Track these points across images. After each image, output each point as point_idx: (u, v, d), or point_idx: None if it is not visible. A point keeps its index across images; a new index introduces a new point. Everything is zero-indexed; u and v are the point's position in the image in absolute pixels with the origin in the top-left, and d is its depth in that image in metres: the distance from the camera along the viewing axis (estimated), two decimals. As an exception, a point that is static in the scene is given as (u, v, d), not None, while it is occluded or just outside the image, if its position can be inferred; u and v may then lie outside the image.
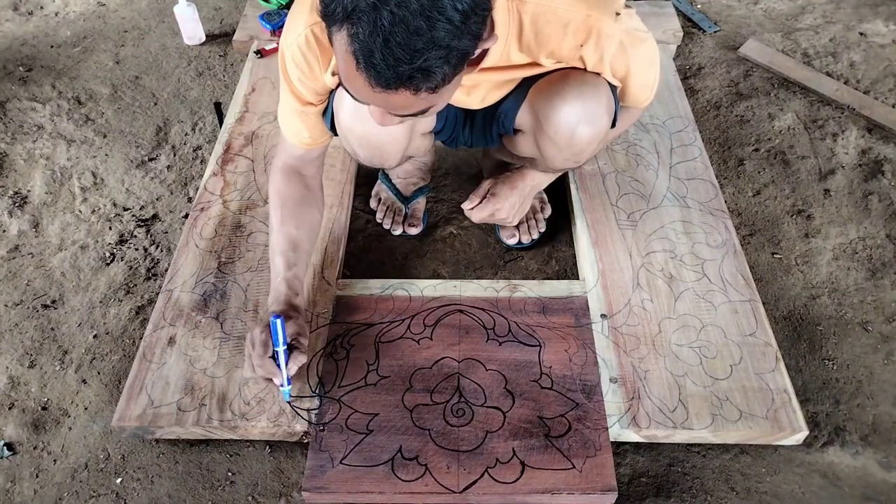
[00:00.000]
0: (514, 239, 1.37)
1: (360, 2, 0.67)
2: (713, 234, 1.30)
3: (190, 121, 1.70)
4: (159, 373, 1.09)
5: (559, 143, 1.05)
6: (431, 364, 1.11)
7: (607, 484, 0.97)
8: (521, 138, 1.13)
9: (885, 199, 1.47)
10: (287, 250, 1.09)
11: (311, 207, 1.15)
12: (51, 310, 1.29)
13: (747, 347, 1.12)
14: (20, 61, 1.90)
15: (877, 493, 1.04)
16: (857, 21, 1.97)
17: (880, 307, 1.28)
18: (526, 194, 1.28)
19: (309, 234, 1.14)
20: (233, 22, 2.03)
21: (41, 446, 1.10)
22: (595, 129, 1.02)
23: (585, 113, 1.01)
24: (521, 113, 1.09)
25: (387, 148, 1.11)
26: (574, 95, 1.00)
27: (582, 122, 1.01)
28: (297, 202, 1.13)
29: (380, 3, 0.66)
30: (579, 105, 1.00)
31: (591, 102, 1.00)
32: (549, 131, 1.04)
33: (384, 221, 1.41)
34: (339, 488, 0.97)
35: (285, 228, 1.10)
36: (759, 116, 1.68)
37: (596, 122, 1.02)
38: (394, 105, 0.78)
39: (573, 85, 1.00)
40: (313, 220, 1.16)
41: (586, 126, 1.02)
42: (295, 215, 1.12)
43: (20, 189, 1.53)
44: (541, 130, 1.05)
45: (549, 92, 1.02)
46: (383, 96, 0.74)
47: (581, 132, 1.02)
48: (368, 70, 0.70)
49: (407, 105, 0.77)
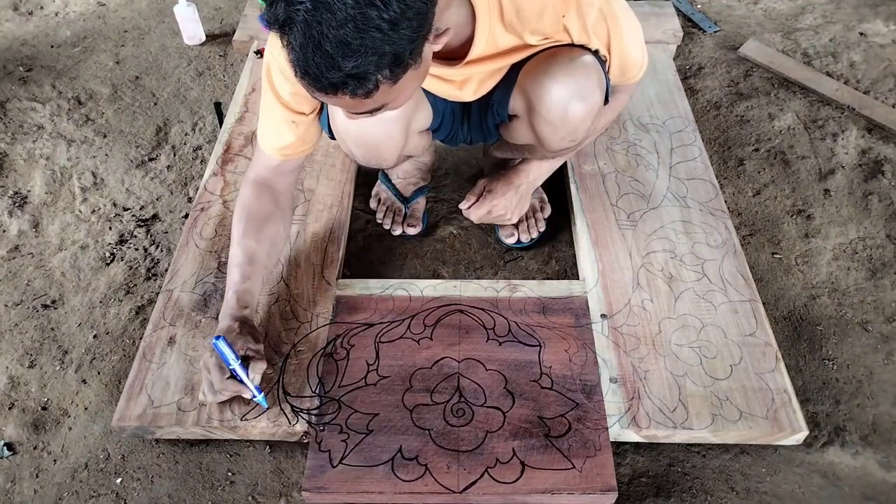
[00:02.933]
0: (513, 238, 1.37)
1: (292, 13, 0.70)
2: (713, 234, 1.30)
3: (190, 121, 1.70)
4: (159, 373, 1.09)
5: (553, 121, 1.05)
6: (431, 364, 1.11)
7: (607, 484, 0.97)
8: (517, 124, 1.13)
9: (885, 199, 1.47)
10: (243, 263, 1.08)
11: (275, 223, 1.14)
12: (51, 310, 1.29)
13: (747, 347, 1.12)
14: (20, 61, 1.90)
15: (877, 493, 1.04)
16: (857, 21, 1.97)
17: (880, 307, 1.28)
18: (523, 191, 1.28)
19: (269, 249, 1.13)
20: (233, 22, 2.03)
21: (41, 446, 1.10)
22: (587, 104, 1.03)
23: (577, 89, 1.01)
24: (514, 97, 1.09)
25: (383, 147, 1.11)
26: (563, 73, 1.00)
27: (574, 98, 1.01)
28: (262, 217, 1.12)
29: (310, 14, 0.69)
30: (570, 81, 1.00)
31: (581, 78, 1.01)
32: (542, 111, 1.04)
33: (384, 221, 1.41)
34: (339, 488, 0.97)
35: (245, 241, 1.10)
36: (759, 116, 1.68)
37: (588, 97, 1.02)
38: (344, 105, 0.82)
39: (562, 63, 1.00)
40: (276, 237, 1.15)
41: (579, 102, 1.02)
42: (258, 229, 1.11)
43: (20, 189, 1.53)
44: (534, 112, 1.05)
45: (537, 72, 1.02)
46: (329, 98, 0.78)
47: (574, 109, 1.02)
48: (305, 77, 0.75)
49: (355, 105, 0.80)
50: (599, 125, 1.18)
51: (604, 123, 1.22)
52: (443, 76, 1.05)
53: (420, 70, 0.81)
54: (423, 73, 0.84)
